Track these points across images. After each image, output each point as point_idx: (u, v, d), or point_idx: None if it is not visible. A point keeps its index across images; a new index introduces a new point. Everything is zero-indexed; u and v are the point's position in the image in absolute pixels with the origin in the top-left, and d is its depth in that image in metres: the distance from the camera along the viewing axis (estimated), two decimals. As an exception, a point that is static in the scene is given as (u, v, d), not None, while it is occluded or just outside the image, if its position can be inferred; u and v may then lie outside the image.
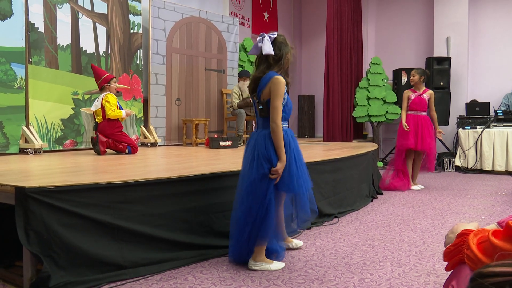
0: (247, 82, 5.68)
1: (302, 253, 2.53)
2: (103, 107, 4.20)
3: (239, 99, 6.23)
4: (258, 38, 2.21)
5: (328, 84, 7.23)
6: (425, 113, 5.05)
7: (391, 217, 3.55)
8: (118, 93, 4.71)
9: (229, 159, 3.69)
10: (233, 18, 7.04)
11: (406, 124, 4.97)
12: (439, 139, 7.23)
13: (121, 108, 4.37)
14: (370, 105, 7.67)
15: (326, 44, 7.23)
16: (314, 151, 4.79)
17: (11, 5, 4.23)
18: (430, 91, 5.10)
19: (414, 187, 5.05)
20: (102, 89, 4.35)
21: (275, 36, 2.22)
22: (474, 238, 0.94)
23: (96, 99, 4.35)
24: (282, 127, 2.17)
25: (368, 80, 7.78)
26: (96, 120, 4.29)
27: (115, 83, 4.41)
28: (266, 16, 9.00)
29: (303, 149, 5.05)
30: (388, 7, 9.08)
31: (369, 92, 7.70)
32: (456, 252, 1.00)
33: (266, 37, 2.19)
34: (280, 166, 2.14)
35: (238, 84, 6.37)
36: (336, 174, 3.77)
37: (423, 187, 5.13)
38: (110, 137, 4.23)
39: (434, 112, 5.10)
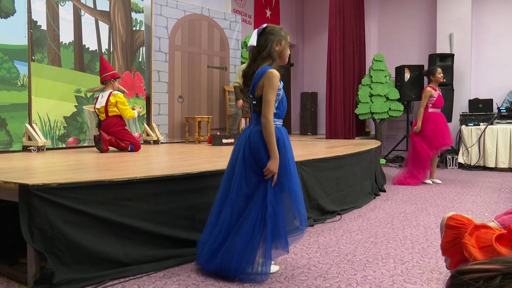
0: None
1: (305, 250, 2.53)
2: (107, 105, 4.20)
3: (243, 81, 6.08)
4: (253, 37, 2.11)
5: (331, 81, 7.21)
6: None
7: (394, 214, 3.55)
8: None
9: (232, 157, 3.69)
10: (235, 15, 7.02)
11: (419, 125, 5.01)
12: None
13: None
14: (372, 102, 7.64)
15: (329, 41, 7.21)
16: (316, 148, 4.78)
17: (14, 3, 4.24)
18: None
19: (434, 181, 5.22)
20: (105, 83, 4.33)
21: (263, 27, 2.08)
22: (471, 239, 0.93)
23: (100, 96, 4.33)
24: (276, 125, 2.03)
25: (371, 77, 7.76)
26: (99, 117, 4.30)
27: (118, 82, 4.43)
28: (268, 13, 8.98)
29: (306, 146, 5.07)
30: (391, 3, 9.04)
31: (371, 89, 7.68)
32: (457, 249, 0.99)
33: (255, 30, 2.10)
34: (272, 164, 1.95)
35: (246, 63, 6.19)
36: (339, 171, 3.76)
37: (440, 182, 5.26)
38: (113, 135, 4.23)
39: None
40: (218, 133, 5.86)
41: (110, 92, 4.23)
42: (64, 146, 4.72)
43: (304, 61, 10.40)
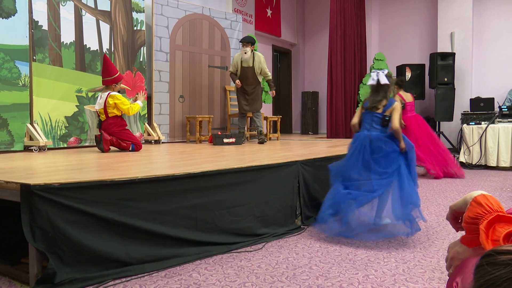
0: (248, 49, 5.61)
1: (306, 250, 2.53)
2: (105, 106, 4.19)
3: (236, 69, 5.76)
4: (373, 74, 2.96)
5: (332, 80, 7.20)
6: None
7: (395, 213, 3.54)
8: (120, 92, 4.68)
9: (233, 156, 3.69)
10: (236, 15, 7.02)
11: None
12: (443, 135, 7.20)
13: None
14: (373, 101, 7.63)
15: (330, 40, 7.21)
16: (318, 147, 4.78)
17: (15, 3, 4.24)
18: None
19: None
20: (107, 86, 4.32)
21: (386, 72, 2.96)
22: (489, 228, 0.90)
23: (99, 97, 4.33)
24: None
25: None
26: (100, 118, 4.30)
27: (120, 84, 4.43)
28: (269, 12, 8.99)
29: (307, 145, 5.07)
30: (392, 2, 9.03)
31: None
32: (473, 229, 0.95)
33: (381, 72, 2.95)
34: (403, 146, 2.83)
35: (240, 52, 5.79)
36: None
37: None
38: (114, 135, 4.23)
39: None
40: (219, 133, 5.86)
41: (108, 93, 4.21)
42: (65, 146, 4.72)
43: (305, 60, 10.40)
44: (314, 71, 10.16)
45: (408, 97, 5.73)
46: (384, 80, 2.89)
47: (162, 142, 5.80)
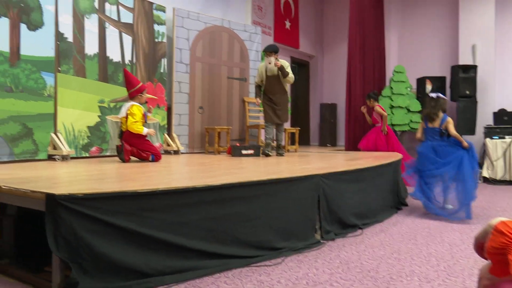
0: (272, 58, 5.23)
1: (326, 265, 2.50)
2: (126, 117, 4.24)
3: (261, 80, 5.46)
4: (432, 94, 4.24)
5: (350, 92, 7.17)
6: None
7: (417, 229, 3.47)
8: (144, 104, 4.56)
9: (252, 168, 3.69)
10: (255, 27, 7.08)
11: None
12: None
13: (146, 119, 4.36)
14: (393, 114, 7.56)
15: (348, 52, 7.18)
16: (336, 160, 4.74)
17: (42, 16, 4.37)
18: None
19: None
20: (132, 98, 4.33)
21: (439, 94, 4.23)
22: None
23: (123, 106, 4.38)
24: None
25: (391, 88, 7.69)
26: (121, 128, 4.35)
27: (145, 93, 4.41)
28: (288, 24, 9.03)
29: (326, 158, 5.04)
30: (411, 14, 8.97)
31: (392, 100, 7.61)
32: (501, 259, 0.93)
33: (440, 94, 4.24)
34: (465, 143, 3.96)
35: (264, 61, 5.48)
36: (360, 184, 3.72)
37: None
38: (134, 146, 4.28)
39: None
40: (237, 144, 5.87)
41: (131, 104, 4.26)
42: (87, 155, 4.80)
43: (323, 72, 10.38)
44: (332, 83, 10.13)
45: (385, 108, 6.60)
46: (442, 96, 4.22)
47: (181, 153, 5.85)
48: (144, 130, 4.27)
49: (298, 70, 10.10)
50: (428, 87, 7.52)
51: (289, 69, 5.46)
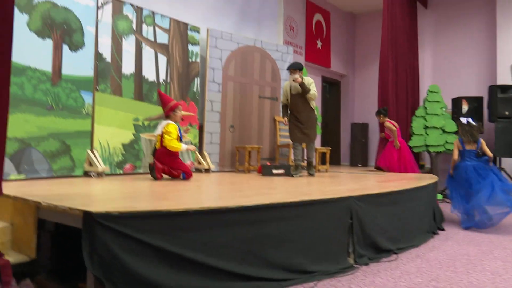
0: (296, 75, 5.23)
1: (360, 291, 2.42)
2: (161, 135, 4.30)
3: (287, 98, 5.49)
4: (463, 120, 4.77)
5: (383, 112, 7.06)
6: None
7: (456, 256, 3.32)
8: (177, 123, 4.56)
9: (283, 189, 3.66)
10: (287, 47, 7.13)
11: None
12: (505, 171, 6.78)
13: (181, 138, 4.40)
14: (427, 135, 7.38)
15: (380, 71, 7.11)
16: (369, 181, 4.64)
17: (83, 37, 4.56)
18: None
19: None
20: (167, 116, 4.40)
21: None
22: None
23: (159, 124, 4.45)
24: None
25: (426, 108, 7.52)
26: (155, 145, 4.41)
27: (180, 110, 4.44)
28: (319, 44, 9.06)
29: (358, 179, 4.95)
30: (446, 33, 8.82)
31: (426, 120, 7.43)
32: None
33: (470, 119, 4.77)
34: (491, 162, 4.68)
35: (289, 80, 5.52)
36: (394, 207, 3.61)
37: None
38: (166, 164, 4.32)
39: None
40: (268, 163, 5.87)
41: (167, 123, 4.33)
42: (121, 172, 4.91)
43: (354, 91, 10.30)
44: (364, 102, 10.02)
45: (396, 124, 6.58)
46: (473, 123, 4.75)
47: (212, 171, 5.88)
48: (183, 147, 4.32)
49: (329, 90, 10.07)
50: (464, 107, 7.31)
51: (312, 86, 5.36)
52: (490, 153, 4.65)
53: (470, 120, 4.76)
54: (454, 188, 4.75)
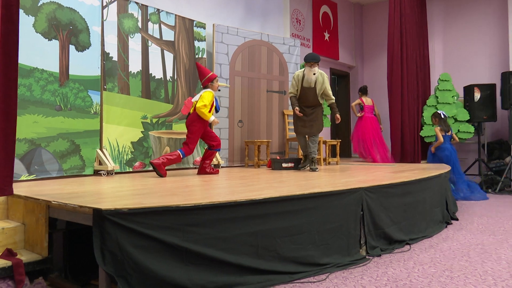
0: (316, 69, 5.09)
1: (373, 283, 2.40)
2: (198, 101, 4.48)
3: (297, 89, 5.24)
4: (441, 112, 6.44)
5: (393, 103, 7.00)
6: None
7: (470, 245, 3.29)
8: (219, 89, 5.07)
9: (293, 182, 3.66)
10: (294, 40, 7.09)
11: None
12: None
13: (217, 109, 4.70)
14: (439, 124, 7.27)
15: (388, 61, 7.04)
16: (381, 173, 4.61)
17: (89, 37, 4.59)
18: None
19: None
20: (205, 87, 4.66)
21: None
22: None
23: (198, 94, 4.64)
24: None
25: (437, 97, 7.43)
26: (190, 111, 4.56)
27: (217, 82, 4.73)
28: (326, 36, 8.99)
29: (370, 171, 4.92)
30: (456, 20, 8.68)
31: (437, 110, 7.33)
32: None
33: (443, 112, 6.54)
34: None
35: (303, 70, 5.26)
36: (406, 197, 3.59)
37: None
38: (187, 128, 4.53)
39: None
40: (277, 157, 5.86)
41: (204, 91, 4.55)
42: (131, 170, 4.94)
43: (363, 82, 10.21)
44: (373, 93, 9.92)
45: (368, 101, 7.58)
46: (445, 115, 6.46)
47: (221, 166, 5.89)
48: (211, 118, 4.51)
49: (338, 82, 10.00)
50: (477, 95, 7.21)
51: (328, 84, 5.23)
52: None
53: (444, 113, 6.46)
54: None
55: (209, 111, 4.48)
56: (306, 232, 2.69)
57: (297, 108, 5.20)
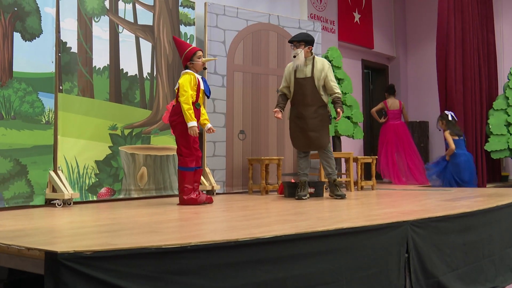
0: (299, 50, 5.11)
1: None
2: (178, 90, 4.59)
3: (288, 83, 5.29)
4: (450, 114, 6.99)
5: (446, 106, 7.04)
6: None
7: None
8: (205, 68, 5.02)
9: (313, 214, 3.66)
10: (313, 22, 7.17)
11: None
12: None
13: (207, 94, 4.82)
14: (511, 134, 7.29)
15: (438, 50, 7.08)
16: (431, 201, 4.61)
17: (40, 22, 4.66)
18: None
19: None
20: (185, 67, 4.71)
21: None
22: None
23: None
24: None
25: (507, 98, 7.45)
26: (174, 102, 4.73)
27: (199, 58, 4.70)
28: (357, 17, 9.07)
29: (416, 198, 4.92)
30: (532, -5, 8.74)
31: (509, 115, 7.36)
32: None
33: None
34: None
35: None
36: (467, 235, 3.60)
37: None
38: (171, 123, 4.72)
39: None
40: (292, 181, 5.86)
41: (182, 73, 4.62)
42: (95, 199, 4.97)
43: (407, 79, 10.25)
44: (421, 93, 9.96)
45: (394, 104, 8.26)
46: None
47: (217, 193, 5.90)
48: (190, 123, 4.43)
49: (373, 78, 10.05)
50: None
51: (331, 73, 5.20)
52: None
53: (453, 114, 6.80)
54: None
55: (196, 101, 4.55)
56: (332, 283, 2.69)
57: (276, 109, 5.19)
